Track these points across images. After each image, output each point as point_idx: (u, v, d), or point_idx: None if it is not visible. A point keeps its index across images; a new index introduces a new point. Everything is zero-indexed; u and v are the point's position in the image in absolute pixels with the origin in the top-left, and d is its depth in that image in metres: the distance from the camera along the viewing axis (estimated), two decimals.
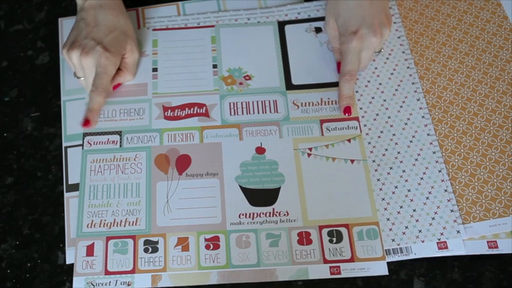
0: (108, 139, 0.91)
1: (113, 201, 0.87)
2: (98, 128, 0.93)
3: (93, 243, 0.84)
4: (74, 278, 0.83)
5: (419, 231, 0.84)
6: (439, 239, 0.83)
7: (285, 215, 0.85)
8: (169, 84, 0.96)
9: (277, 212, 0.86)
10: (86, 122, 0.91)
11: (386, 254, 0.83)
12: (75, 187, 0.91)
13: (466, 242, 0.84)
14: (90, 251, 0.84)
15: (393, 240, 0.84)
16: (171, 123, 0.93)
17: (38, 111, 0.98)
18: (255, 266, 0.82)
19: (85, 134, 0.92)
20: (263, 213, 0.86)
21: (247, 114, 0.93)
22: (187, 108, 0.94)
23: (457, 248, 0.83)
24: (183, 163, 0.89)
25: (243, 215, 0.86)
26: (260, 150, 0.90)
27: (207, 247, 0.84)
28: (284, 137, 0.91)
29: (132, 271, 0.82)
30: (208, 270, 0.82)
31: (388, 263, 0.83)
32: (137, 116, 0.93)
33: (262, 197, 0.87)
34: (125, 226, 0.85)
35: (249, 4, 1.06)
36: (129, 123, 0.93)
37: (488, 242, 0.83)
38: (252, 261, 0.83)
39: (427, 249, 0.83)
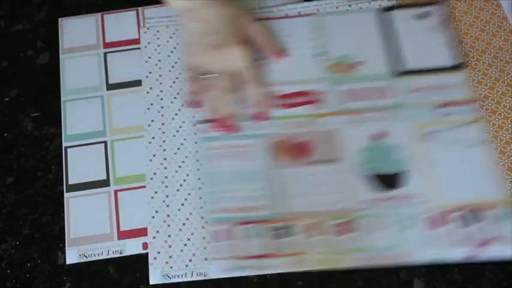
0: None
1: (236, 188, 0.87)
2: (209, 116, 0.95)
3: (222, 228, 0.85)
4: (212, 263, 0.83)
5: None
6: None
7: (415, 198, 0.86)
8: (277, 74, 0.97)
9: (406, 196, 0.86)
10: (261, 115, 0.92)
11: None
12: (75, 187, 0.92)
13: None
14: (220, 236, 0.85)
15: None
16: (285, 112, 0.93)
17: (38, 111, 0.99)
18: (388, 249, 0.83)
19: (200, 122, 0.93)
20: (392, 197, 0.86)
21: (360, 100, 0.94)
22: (298, 96, 0.95)
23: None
24: (301, 150, 0.90)
25: (372, 199, 0.86)
26: (379, 136, 0.91)
27: (340, 231, 0.84)
28: (402, 121, 0.92)
29: (268, 255, 0.83)
30: (345, 254, 0.83)
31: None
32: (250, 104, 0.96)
33: (388, 181, 0.88)
34: (251, 212, 0.86)
35: (251, 4, 1.07)
36: (244, 110, 0.94)
37: None
38: (385, 244, 0.83)
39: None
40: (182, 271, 0.85)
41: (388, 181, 0.88)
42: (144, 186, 0.91)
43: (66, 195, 0.91)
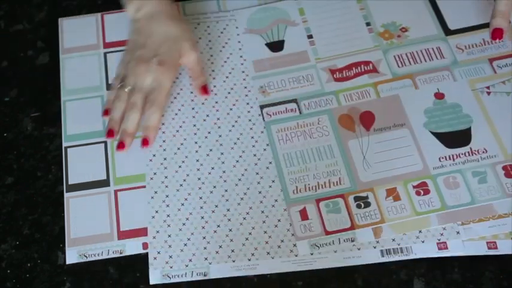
0: (286, 108, 0.94)
1: (310, 166, 0.89)
2: (273, 99, 0.95)
3: (305, 207, 0.86)
4: (298, 243, 0.84)
5: (420, 231, 0.85)
6: (439, 240, 0.84)
7: (483, 152, 0.88)
8: (328, 48, 1.00)
9: (475, 151, 0.88)
10: (144, 141, 0.91)
11: (387, 254, 0.83)
12: (75, 187, 0.91)
13: (465, 243, 0.83)
14: (304, 215, 0.85)
15: (393, 240, 0.84)
16: (343, 84, 0.96)
17: (38, 111, 0.98)
18: (470, 204, 0.84)
19: (262, 106, 0.95)
20: (462, 154, 0.88)
21: (414, 64, 0.97)
22: (354, 68, 0.97)
23: (456, 249, 0.83)
24: (367, 119, 0.92)
25: (442, 158, 0.88)
26: (439, 96, 0.93)
27: (418, 193, 0.86)
28: (458, 80, 0.95)
29: (352, 227, 0.84)
30: (426, 215, 0.84)
31: (388, 263, 0.83)
32: (307, 83, 0.96)
33: (456, 138, 0.90)
34: (330, 187, 0.87)
35: (250, 3, 1.07)
36: (302, 90, 0.96)
37: (487, 242, 0.83)
38: (466, 200, 0.85)
39: (427, 250, 0.83)
40: (182, 271, 0.83)
41: (456, 139, 0.90)
42: (144, 186, 0.91)
43: (66, 195, 0.91)
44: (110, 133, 0.91)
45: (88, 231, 0.88)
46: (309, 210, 0.86)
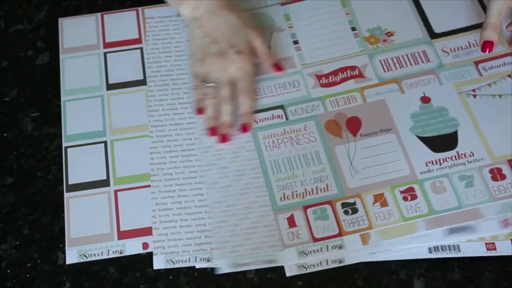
0: (273, 114, 0.94)
1: (297, 172, 0.88)
2: (259, 105, 0.95)
3: (292, 214, 0.85)
4: (286, 250, 0.83)
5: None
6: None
7: (470, 155, 0.87)
8: (314, 54, 0.99)
9: (462, 154, 0.88)
10: (245, 127, 0.92)
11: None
12: (75, 187, 0.92)
13: (464, 244, 0.84)
14: (291, 222, 0.85)
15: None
16: (330, 90, 0.95)
17: (38, 111, 0.99)
18: (457, 209, 0.84)
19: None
20: (448, 158, 0.88)
21: (400, 68, 0.96)
22: (340, 73, 0.96)
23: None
24: (354, 125, 0.91)
25: (429, 162, 0.88)
26: (425, 100, 0.93)
27: (405, 199, 0.85)
28: (444, 83, 0.94)
29: (339, 234, 0.83)
30: (414, 220, 0.84)
31: (388, 263, 0.83)
32: (294, 89, 0.96)
33: (442, 142, 0.89)
34: (317, 193, 0.87)
35: (250, 4, 1.07)
36: (288, 96, 0.95)
37: (486, 243, 0.83)
38: (453, 205, 0.84)
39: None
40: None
41: (442, 142, 0.89)
42: (144, 186, 0.91)
43: (66, 195, 0.91)
44: (213, 131, 0.92)
45: (88, 231, 0.88)
46: (296, 217, 0.85)
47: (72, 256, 0.86)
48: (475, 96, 0.93)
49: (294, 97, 0.95)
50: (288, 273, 0.84)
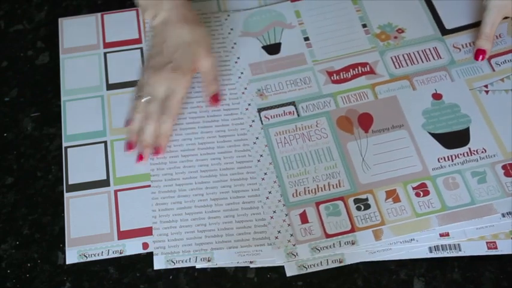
0: (284, 111, 0.93)
1: (309, 168, 0.88)
2: (270, 102, 0.94)
3: (304, 210, 0.85)
4: (298, 246, 0.82)
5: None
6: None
7: (482, 152, 0.87)
8: (325, 50, 0.99)
9: (474, 151, 0.87)
10: (156, 150, 0.89)
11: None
12: (75, 187, 0.91)
13: (464, 243, 0.83)
14: (304, 218, 0.84)
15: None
16: (341, 86, 0.95)
17: (38, 111, 0.98)
18: (470, 205, 0.83)
19: (260, 110, 0.94)
20: (461, 154, 0.87)
21: (411, 65, 0.96)
22: (351, 69, 0.96)
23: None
24: (365, 121, 0.91)
25: (441, 159, 0.87)
26: (437, 96, 0.93)
27: (417, 195, 0.85)
28: (456, 79, 0.94)
29: (352, 230, 0.83)
30: (427, 216, 0.83)
31: (388, 263, 0.83)
32: (305, 85, 0.95)
33: (454, 139, 0.89)
34: (329, 190, 0.86)
35: (250, 4, 1.07)
36: (300, 92, 0.95)
37: (487, 242, 0.83)
38: (466, 201, 0.84)
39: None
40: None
41: (454, 139, 0.89)
42: (144, 186, 0.90)
43: (66, 195, 0.90)
44: (129, 146, 0.91)
45: (88, 231, 0.87)
46: (308, 213, 0.85)
47: (72, 256, 0.85)
48: (487, 92, 0.93)
49: (305, 93, 0.95)
50: (288, 273, 0.83)
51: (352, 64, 0.97)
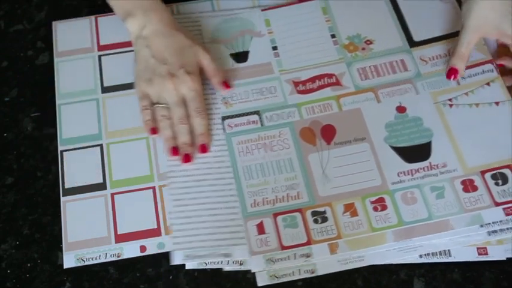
0: (248, 120, 0.84)
1: (269, 179, 0.79)
2: (235, 110, 0.85)
3: (262, 221, 0.77)
4: (252, 257, 0.75)
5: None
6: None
7: (443, 166, 0.79)
8: (293, 60, 0.89)
9: (434, 165, 0.79)
10: (203, 148, 0.84)
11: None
12: (71, 191, 0.81)
13: (455, 249, 0.76)
14: (260, 229, 0.76)
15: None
16: (306, 97, 0.85)
17: (38, 111, 0.88)
18: (427, 220, 0.76)
19: (224, 118, 0.85)
20: (421, 168, 0.79)
21: (378, 77, 0.87)
22: (317, 80, 0.87)
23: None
24: (328, 133, 0.82)
25: (401, 173, 0.79)
26: (401, 109, 0.84)
27: (375, 209, 0.77)
28: (421, 92, 0.85)
29: (308, 243, 0.75)
30: (383, 231, 0.76)
31: (388, 263, 0.77)
32: (270, 95, 0.86)
33: (415, 153, 0.80)
34: (288, 201, 0.78)
35: (244, 4, 0.97)
36: (265, 102, 0.85)
37: (478, 248, 0.75)
38: (423, 216, 0.76)
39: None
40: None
41: (415, 153, 0.81)
42: (140, 189, 0.83)
43: (62, 199, 0.80)
44: (174, 152, 0.83)
45: (85, 234, 0.79)
46: (266, 224, 0.76)
47: (69, 260, 0.77)
48: (451, 105, 0.83)
49: (270, 103, 0.84)
50: (260, 283, 0.75)
51: (319, 75, 0.87)
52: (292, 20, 0.92)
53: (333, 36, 0.91)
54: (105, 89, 0.91)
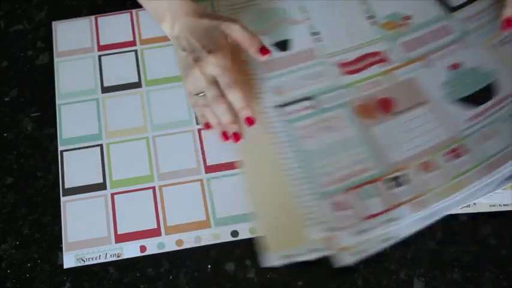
0: (303, 106, 0.84)
1: (337, 158, 0.79)
2: (289, 97, 0.84)
3: (338, 198, 0.77)
4: (337, 233, 0.75)
5: None
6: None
7: (509, 97, 0.79)
8: (335, 43, 0.88)
9: (503, 98, 0.81)
10: (250, 120, 0.81)
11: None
12: (71, 191, 0.81)
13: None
14: (339, 206, 0.76)
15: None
16: (355, 76, 0.85)
17: (38, 111, 0.87)
18: (506, 148, 0.77)
19: (280, 106, 0.84)
20: (490, 107, 0.82)
21: (423, 46, 0.87)
22: (364, 59, 0.86)
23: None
24: (385, 105, 0.82)
25: (469, 119, 0.80)
26: (455, 66, 0.84)
27: (451, 158, 0.77)
28: (471, 46, 0.86)
29: (390, 208, 0.75)
30: (464, 176, 0.76)
31: (388, 263, 0.76)
32: (320, 78, 0.85)
33: (480, 96, 0.82)
34: (360, 175, 0.77)
35: (245, 3, 0.95)
36: (316, 86, 0.84)
37: None
38: (504, 144, 0.78)
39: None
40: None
41: (480, 97, 0.81)
42: (141, 189, 0.82)
43: (62, 199, 0.80)
44: (224, 136, 0.82)
45: (85, 234, 0.78)
46: (343, 200, 0.75)
47: (69, 260, 0.77)
48: (504, 44, 0.83)
49: (321, 87, 0.84)
50: (347, 261, 0.75)
51: (364, 55, 0.86)
52: (327, 3, 0.93)
53: (370, 17, 0.91)
54: (105, 89, 0.90)
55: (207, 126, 0.83)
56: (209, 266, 0.79)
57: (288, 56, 0.89)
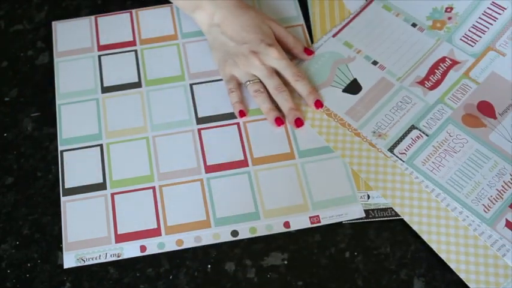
0: (411, 138, 0.80)
1: (477, 178, 0.75)
2: (393, 137, 0.81)
3: (506, 218, 0.74)
4: None
5: None
6: None
7: None
8: (400, 65, 0.85)
9: None
10: (318, 103, 0.83)
11: None
12: (71, 191, 0.81)
13: None
14: (510, 225, 0.72)
15: None
16: (440, 89, 0.81)
17: (38, 111, 0.87)
18: None
19: (390, 149, 0.80)
20: None
21: (484, 34, 0.83)
22: (436, 70, 0.83)
23: None
24: (487, 109, 0.79)
25: None
26: None
27: None
28: None
29: None
30: None
31: (388, 263, 0.75)
32: (409, 106, 0.82)
33: None
34: (510, 187, 0.74)
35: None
36: (411, 113, 0.81)
37: None
38: None
39: None
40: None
41: None
42: (141, 189, 0.82)
43: (62, 199, 0.79)
44: (278, 121, 0.83)
45: (85, 234, 0.78)
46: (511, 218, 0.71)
47: (69, 260, 0.77)
48: None
49: (415, 112, 0.80)
50: None
51: (432, 65, 0.83)
52: (367, 31, 0.89)
53: (413, 25, 0.88)
54: (105, 89, 0.90)
55: (241, 114, 0.85)
56: (209, 266, 0.78)
57: (366, 94, 0.85)
